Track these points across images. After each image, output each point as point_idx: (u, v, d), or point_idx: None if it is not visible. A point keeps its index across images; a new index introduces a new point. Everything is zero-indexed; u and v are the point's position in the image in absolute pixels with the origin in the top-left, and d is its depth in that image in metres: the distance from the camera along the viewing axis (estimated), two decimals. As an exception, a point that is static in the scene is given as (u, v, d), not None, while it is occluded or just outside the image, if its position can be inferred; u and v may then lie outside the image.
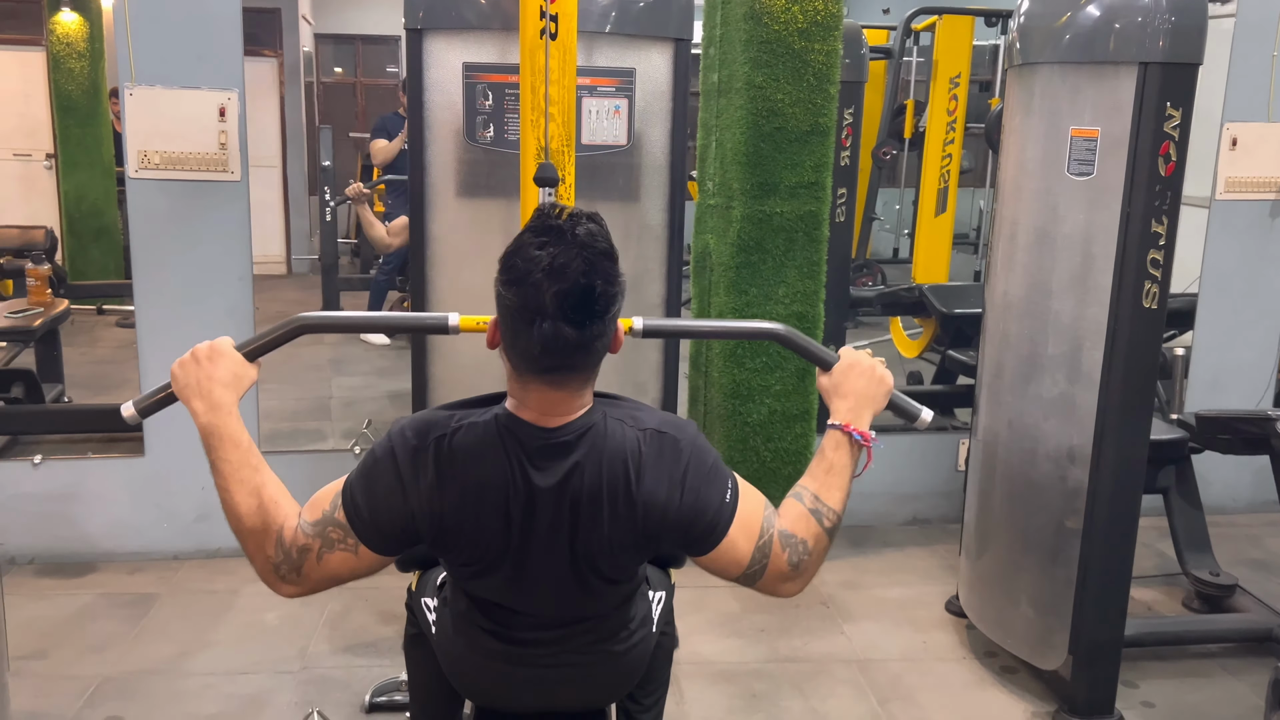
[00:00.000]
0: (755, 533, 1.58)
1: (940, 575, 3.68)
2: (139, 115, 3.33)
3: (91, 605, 3.29)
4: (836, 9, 3.40)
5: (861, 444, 1.70)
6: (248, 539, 1.55)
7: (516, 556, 1.56)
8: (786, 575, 1.61)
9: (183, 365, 1.63)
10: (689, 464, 1.54)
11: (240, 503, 1.55)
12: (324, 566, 1.54)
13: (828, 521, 1.66)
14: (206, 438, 1.58)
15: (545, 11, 2.39)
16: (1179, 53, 2.51)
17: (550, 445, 1.51)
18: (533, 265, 1.42)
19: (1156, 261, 2.61)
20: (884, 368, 1.78)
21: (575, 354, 1.47)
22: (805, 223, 3.51)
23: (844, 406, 1.73)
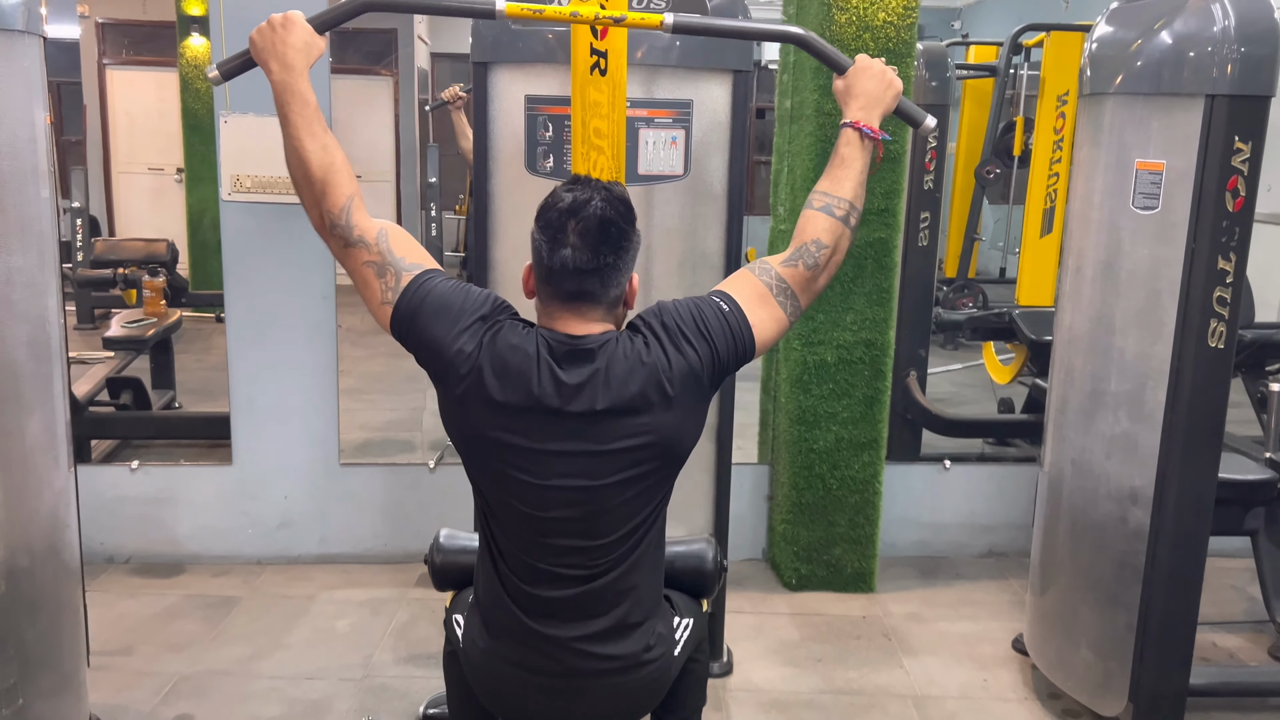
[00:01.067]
0: (766, 294, 1.79)
1: (1010, 611, 3.59)
2: (232, 141, 3.52)
3: (177, 605, 3.48)
4: (909, 36, 3.37)
5: (871, 138, 1.88)
6: (309, 188, 1.77)
7: (540, 444, 1.69)
8: (812, 277, 1.83)
9: (260, 32, 1.83)
10: (681, 324, 1.73)
11: (311, 151, 1.76)
12: (357, 270, 1.77)
13: (839, 210, 1.85)
14: (279, 94, 1.78)
15: (595, 48, 2.45)
16: (1248, 85, 2.41)
17: (573, 350, 1.69)
18: (559, 200, 1.69)
19: (1224, 299, 2.51)
20: (894, 74, 1.94)
21: (591, 279, 1.68)
22: (874, 249, 3.48)
23: (855, 105, 1.90)
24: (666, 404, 1.71)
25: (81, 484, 2.71)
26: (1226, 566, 3.75)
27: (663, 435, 1.73)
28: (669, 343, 1.73)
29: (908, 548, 3.98)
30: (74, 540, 2.48)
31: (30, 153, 2.22)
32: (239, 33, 3.40)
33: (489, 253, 2.98)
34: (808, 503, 3.63)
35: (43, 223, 2.28)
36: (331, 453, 3.74)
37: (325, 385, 3.69)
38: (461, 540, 2.24)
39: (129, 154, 8.95)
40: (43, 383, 2.29)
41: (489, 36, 2.88)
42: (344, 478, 3.77)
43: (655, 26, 1.96)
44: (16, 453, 2.23)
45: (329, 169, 1.77)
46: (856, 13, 3.33)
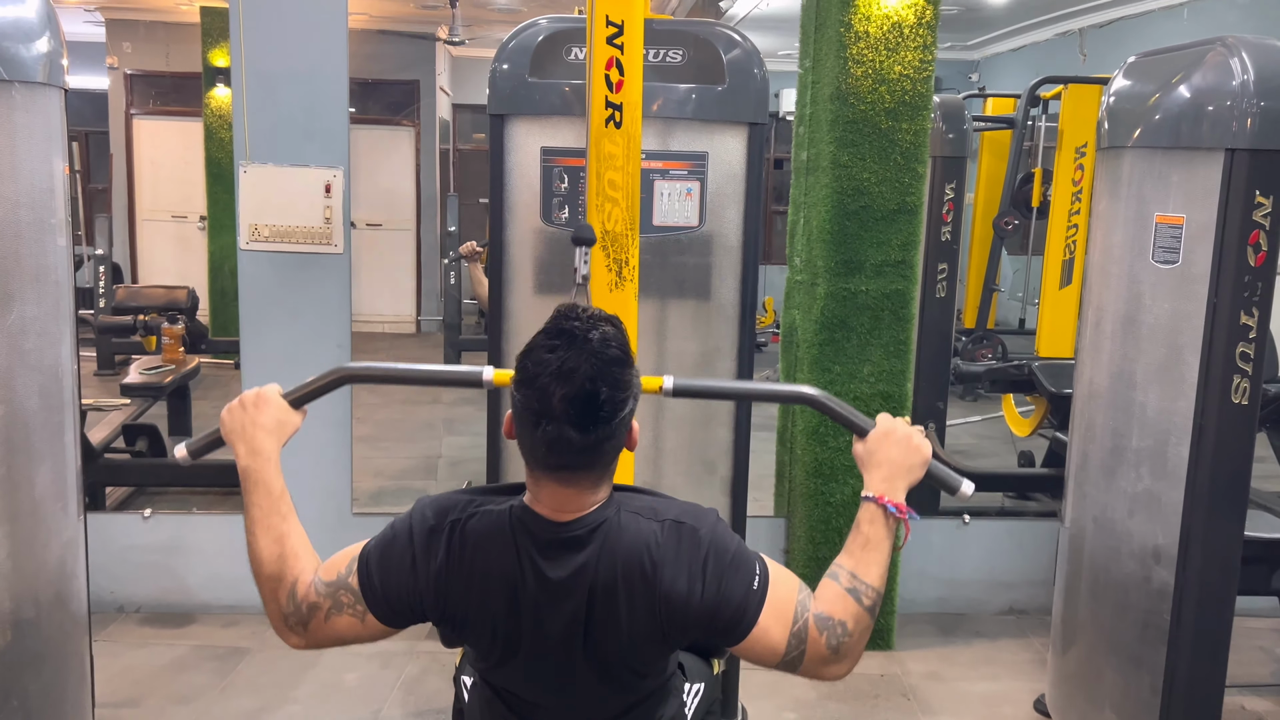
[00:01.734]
0: (789, 619, 1.54)
1: (1031, 670, 3.51)
2: (251, 191, 3.54)
3: (185, 656, 3.45)
4: (925, 89, 3.37)
5: (896, 516, 1.61)
6: (264, 584, 1.62)
7: (532, 650, 1.56)
8: (827, 659, 1.56)
9: (230, 411, 1.71)
10: (709, 553, 1.52)
11: (264, 548, 1.61)
12: (330, 627, 1.59)
13: (866, 600, 1.59)
14: (244, 481, 1.66)
15: (610, 101, 2.45)
16: (1268, 139, 2.39)
17: (561, 540, 1.52)
18: (542, 368, 1.45)
19: (1247, 355, 2.47)
20: (921, 436, 1.68)
21: (581, 456, 1.48)
22: (892, 301, 3.46)
23: (878, 476, 1.65)
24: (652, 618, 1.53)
25: (93, 532, 2.70)
26: (1255, 627, 3.67)
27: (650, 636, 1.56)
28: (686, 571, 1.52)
29: (927, 604, 3.91)
30: (82, 590, 2.46)
31: (48, 203, 2.24)
32: (259, 83, 3.47)
33: (504, 303, 2.98)
34: (825, 557, 3.57)
35: (58, 272, 2.29)
36: (344, 502, 3.72)
37: (339, 434, 3.68)
38: (470, 595, 2.20)
39: (153, 201, 9.07)
40: (54, 432, 2.29)
41: (506, 89, 2.90)
42: (357, 528, 3.70)
43: (654, 391, 1.77)
44: (25, 502, 2.22)
45: (281, 561, 1.62)
46: (872, 66, 3.33)
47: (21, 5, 2.19)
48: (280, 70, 3.48)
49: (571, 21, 2.90)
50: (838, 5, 3.35)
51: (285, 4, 3.47)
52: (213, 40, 7.44)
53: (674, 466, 3.02)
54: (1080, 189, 6.08)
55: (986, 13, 7.79)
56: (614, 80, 2.33)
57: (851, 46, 3.33)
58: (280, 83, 3.48)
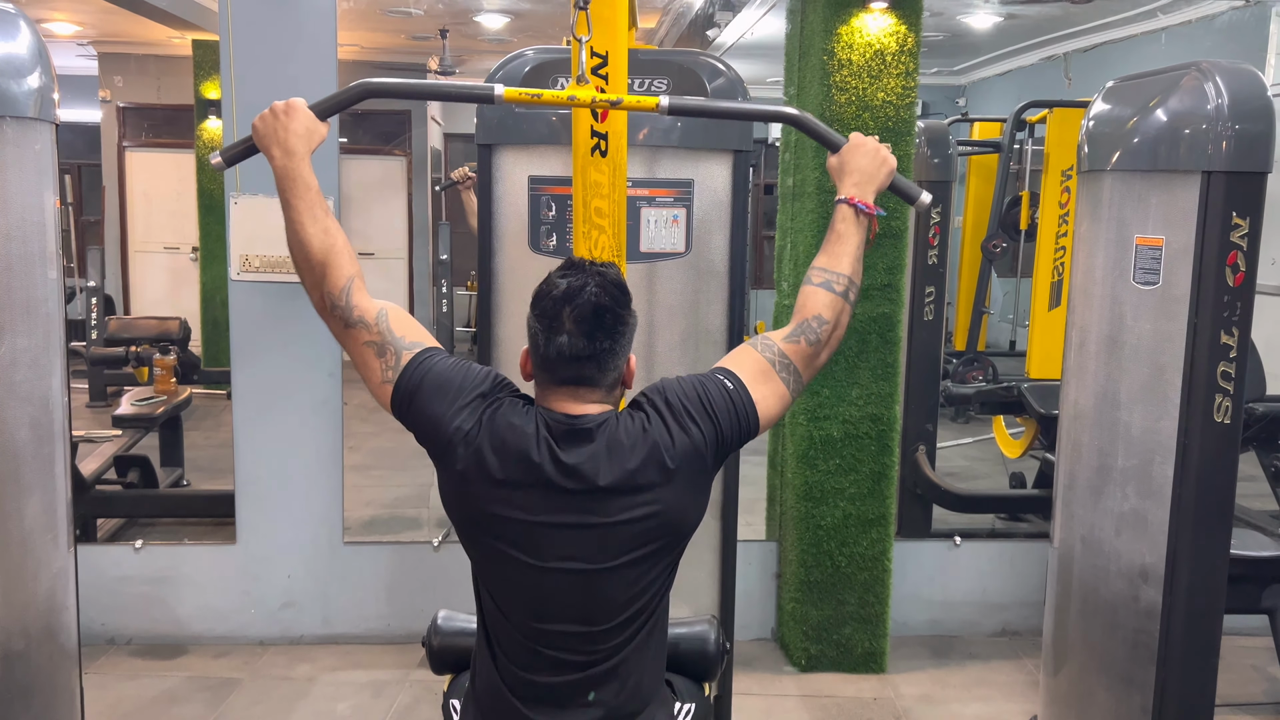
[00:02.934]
0: (769, 372, 1.78)
1: (1024, 692, 3.52)
2: (242, 222, 3.57)
3: (176, 688, 3.44)
4: (909, 115, 3.41)
5: (866, 213, 1.87)
6: (310, 270, 1.77)
7: (538, 528, 1.67)
8: (815, 353, 1.81)
9: (262, 119, 1.84)
10: (684, 402, 1.71)
11: (312, 235, 1.77)
12: (360, 350, 1.76)
13: (839, 286, 1.84)
14: (281, 180, 1.81)
15: (596, 130, 2.48)
16: (1243, 161, 2.43)
17: (572, 430, 1.66)
18: (553, 287, 1.67)
19: (1228, 374, 2.50)
20: (888, 150, 1.94)
21: (588, 365, 1.66)
22: (879, 325, 3.49)
23: (849, 182, 1.90)
24: (668, 481, 1.69)
25: (84, 564, 2.70)
26: (1245, 645, 3.68)
27: (665, 513, 1.70)
28: (671, 420, 1.71)
29: (919, 626, 3.91)
30: (72, 622, 2.46)
31: (38, 236, 2.26)
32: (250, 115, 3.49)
33: (493, 330, 2.99)
34: (816, 580, 3.58)
35: (49, 304, 2.31)
36: (336, 531, 3.73)
37: (330, 464, 3.68)
38: (460, 622, 2.21)
39: (146, 233, 9.09)
40: (44, 463, 2.29)
41: (493, 119, 2.92)
42: (348, 557, 3.75)
43: (651, 109, 1.98)
44: (15, 534, 2.22)
45: (329, 251, 1.77)
46: (856, 93, 3.37)
47: (13, 42, 2.22)
48: (270, 101, 3.50)
49: (558, 52, 2.93)
50: (821, 33, 3.40)
51: (275, 36, 3.51)
52: (204, 73, 7.49)
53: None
54: (1067, 212, 6.13)
55: (972, 38, 7.86)
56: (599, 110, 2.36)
57: (835, 74, 3.38)
58: (270, 115, 3.51)
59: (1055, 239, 6.14)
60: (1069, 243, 6.11)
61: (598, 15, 2.15)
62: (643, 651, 1.78)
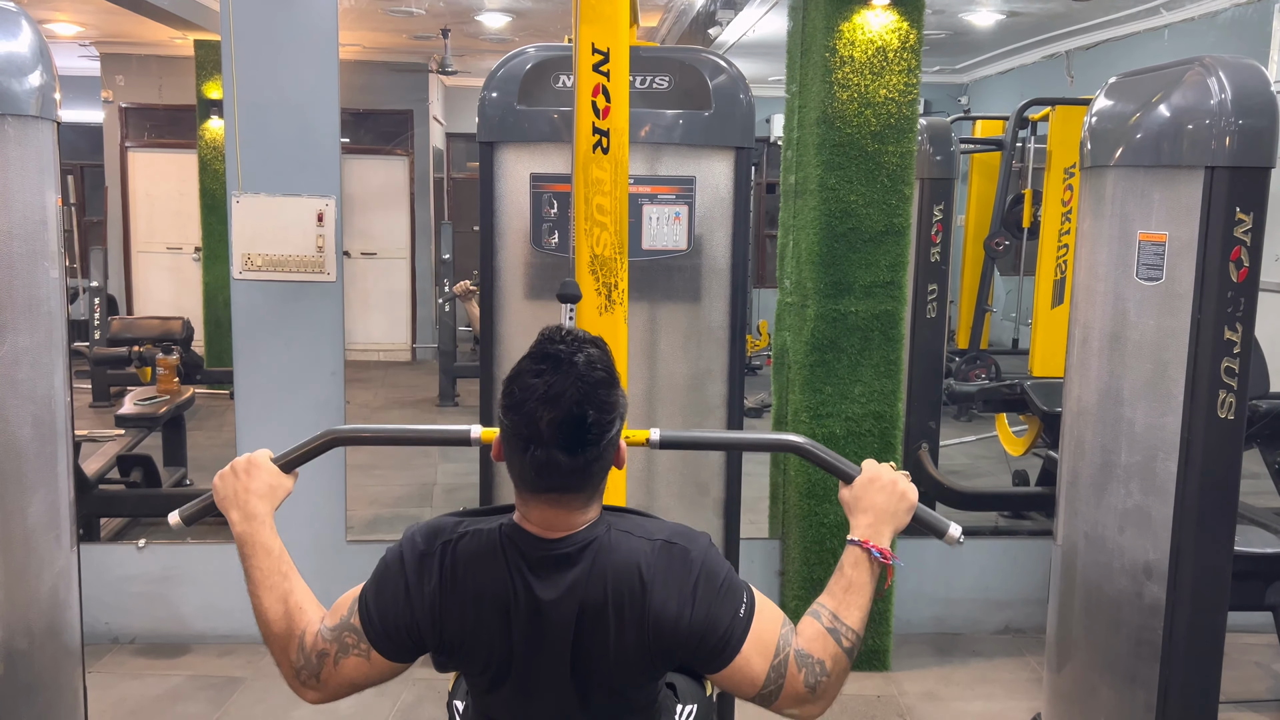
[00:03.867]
0: (770, 651, 1.55)
1: (1028, 689, 3.51)
2: (244, 220, 3.56)
3: (180, 686, 3.44)
4: (910, 112, 3.41)
5: (881, 562, 1.63)
6: (274, 643, 1.62)
7: (522, 670, 1.57)
8: (804, 697, 1.56)
9: (222, 478, 1.73)
10: (700, 576, 1.53)
11: (269, 608, 1.62)
12: (340, 672, 1.59)
13: (846, 641, 1.59)
14: (241, 546, 1.67)
15: (598, 127, 2.48)
16: (1247, 156, 2.42)
17: (551, 557, 1.52)
18: (529, 394, 1.46)
19: (1232, 370, 2.49)
20: (907, 482, 1.70)
21: (570, 478, 1.49)
22: (881, 322, 3.48)
23: (864, 522, 1.66)
24: (640, 635, 1.53)
25: (87, 563, 2.70)
26: (1249, 642, 3.67)
27: (641, 657, 1.56)
28: (674, 588, 1.53)
29: (923, 624, 3.91)
30: (75, 621, 2.46)
31: (40, 234, 2.26)
32: (251, 115, 3.50)
33: (495, 327, 3.00)
34: (819, 578, 3.58)
35: (51, 303, 2.31)
36: (339, 530, 3.73)
37: (333, 462, 3.68)
38: (463, 620, 2.21)
39: (148, 233, 9.10)
40: (46, 462, 2.29)
41: (495, 117, 2.93)
42: (351, 556, 3.74)
43: (641, 444, 1.79)
44: (18, 532, 2.22)
45: (289, 619, 1.62)
46: (858, 90, 3.37)
47: (14, 40, 2.22)
48: (272, 101, 3.52)
49: (559, 50, 2.94)
50: (823, 31, 3.39)
51: (277, 36, 3.51)
52: (206, 73, 7.50)
53: (667, 489, 3.03)
54: (1070, 209, 6.13)
55: (974, 36, 7.86)
56: (601, 107, 2.36)
57: (837, 71, 3.37)
58: (273, 114, 3.52)
59: (1058, 236, 6.14)
60: (1071, 240, 6.11)
61: (599, 11, 2.15)
62: None
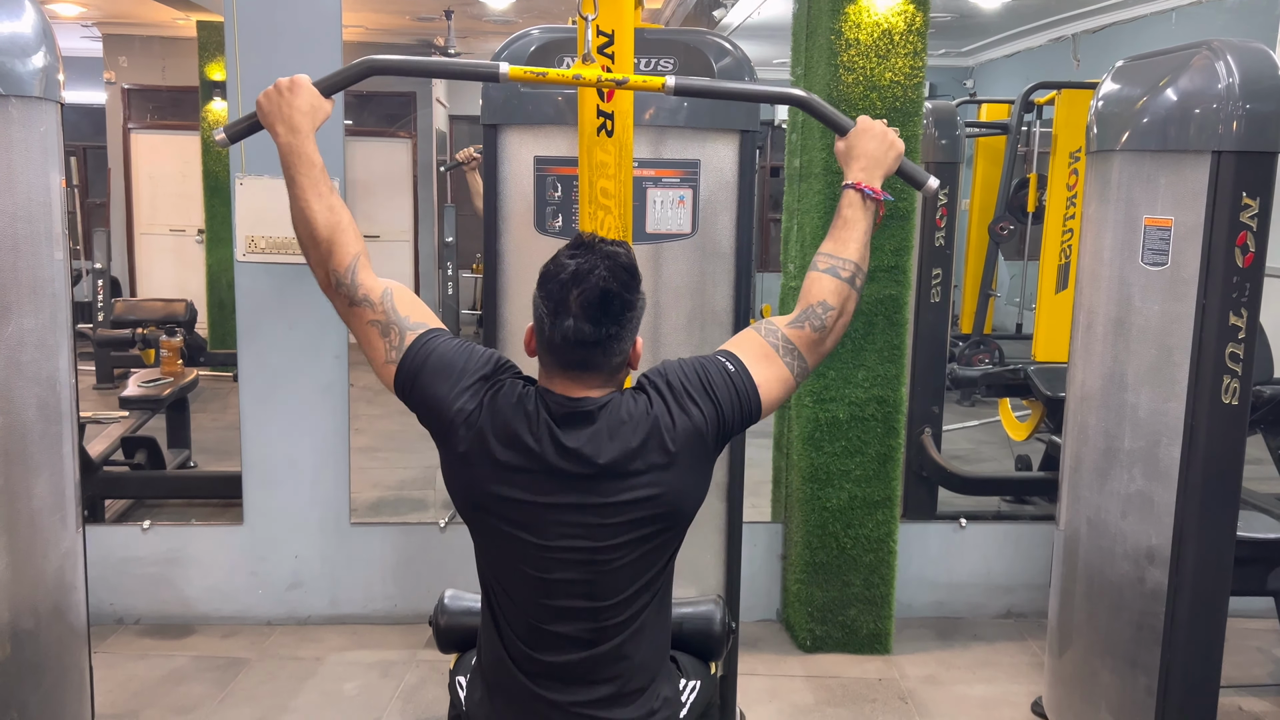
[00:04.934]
0: (774, 357, 1.77)
1: (1030, 673, 3.52)
2: (248, 203, 3.56)
3: (185, 667, 3.46)
4: (917, 95, 3.39)
5: (873, 199, 1.86)
6: (315, 247, 1.77)
7: (541, 510, 1.67)
8: (819, 339, 1.80)
9: (267, 96, 1.83)
10: (685, 383, 1.71)
11: (318, 211, 1.76)
12: (365, 329, 1.75)
13: (845, 272, 1.83)
14: (286, 156, 1.80)
15: (602, 110, 2.47)
16: (1254, 141, 2.42)
17: (573, 413, 1.66)
18: (561, 269, 1.65)
19: (1236, 355, 2.49)
20: (895, 134, 1.92)
21: (593, 350, 1.64)
22: (885, 306, 3.48)
23: (857, 167, 1.88)
24: (669, 463, 1.69)
25: (92, 544, 2.71)
26: (1251, 628, 3.68)
27: (666, 495, 1.71)
28: (673, 401, 1.71)
29: (924, 608, 3.92)
30: (81, 602, 2.47)
31: (44, 216, 2.26)
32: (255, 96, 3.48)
33: (498, 311, 2.99)
34: (821, 562, 3.59)
35: (55, 285, 2.31)
36: (343, 512, 3.74)
37: (337, 445, 3.69)
38: (466, 601, 2.22)
39: (151, 215, 9.08)
40: (52, 443, 2.30)
41: (499, 99, 2.91)
42: (355, 538, 3.76)
43: (657, 89, 1.97)
44: (23, 513, 2.23)
45: (335, 228, 1.77)
46: (863, 73, 3.36)
47: (17, 21, 2.21)
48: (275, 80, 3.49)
49: (563, 31, 2.92)
50: (828, 13, 3.38)
51: (280, 17, 3.49)
52: (209, 54, 7.47)
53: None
54: (1075, 194, 6.11)
55: (980, 19, 7.82)
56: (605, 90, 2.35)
57: (842, 54, 3.36)
58: (275, 95, 3.50)
59: (1063, 221, 6.11)
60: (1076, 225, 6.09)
61: (604, -7, 2.14)
62: (647, 629, 1.79)
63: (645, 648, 1.79)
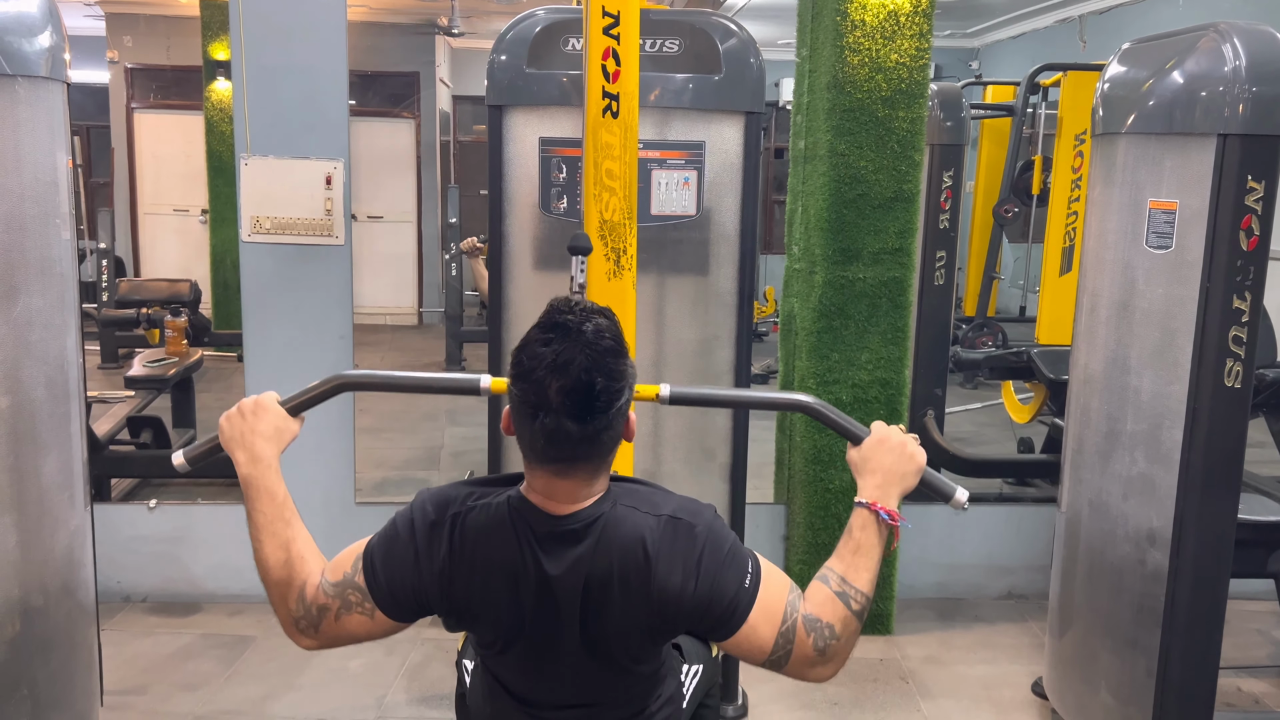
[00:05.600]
0: (778, 618, 1.56)
1: (1030, 654, 3.54)
2: (253, 183, 3.56)
3: (192, 644, 3.48)
4: (922, 77, 3.38)
5: (889, 523, 1.64)
6: (273, 589, 1.63)
7: (530, 640, 1.59)
8: (813, 660, 1.58)
9: (229, 418, 1.73)
10: (704, 548, 1.54)
11: (270, 554, 1.62)
12: (341, 626, 1.61)
13: (855, 604, 1.61)
14: (246, 488, 1.67)
15: (607, 91, 2.47)
16: (1260, 124, 2.41)
17: (558, 533, 1.54)
18: (537, 362, 1.47)
19: (1239, 339, 2.49)
20: (916, 444, 1.71)
21: (579, 447, 1.49)
22: (889, 289, 3.48)
23: (872, 483, 1.67)
24: (644, 619, 1.56)
25: (99, 523, 2.73)
26: (1251, 609, 3.70)
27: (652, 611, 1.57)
28: (681, 567, 1.54)
29: (925, 589, 3.94)
30: (89, 579, 2.49)
31: (52, 196, 2.26)
32: (259, 77, 3.49)
33: (503, 292, 3.00)
34: (824, 543, 3.60)
35: (63, 264, 2.32)
36: (348, 492, 3.75)
37: (342, 425, 3.70)
38: (472, 581, 2.23)
39: (155, 195, 9.09)
40: (60, 422, 2.32)
41: (504, 80, 2.92)
42: (360, 517, 3.77)
43: (651, 399, 1.79)
44: (32, 492, 2.24)
45: (289, 567, 1.62)
46: (869, 55, 3.35)
47: (24, 0, 2.22)
48: (280, 63, 3.50)
49: (568, 12, 2.92)
50: (834, -6, 3.37)
51: (285, -3, 3.49)
52: (213, 34, 7.45)
53: (673, 454, 3.05)
54: (1080, 176, 6.09)
55: (986, 0, 7.79)
56: (610, 70, 2.35)
57: (848, 35, 3.35)
58: (280, 76, 3.50)
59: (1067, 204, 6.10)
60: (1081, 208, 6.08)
61: (610, -26, 2.14)
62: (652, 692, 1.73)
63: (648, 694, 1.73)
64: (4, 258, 2.16)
